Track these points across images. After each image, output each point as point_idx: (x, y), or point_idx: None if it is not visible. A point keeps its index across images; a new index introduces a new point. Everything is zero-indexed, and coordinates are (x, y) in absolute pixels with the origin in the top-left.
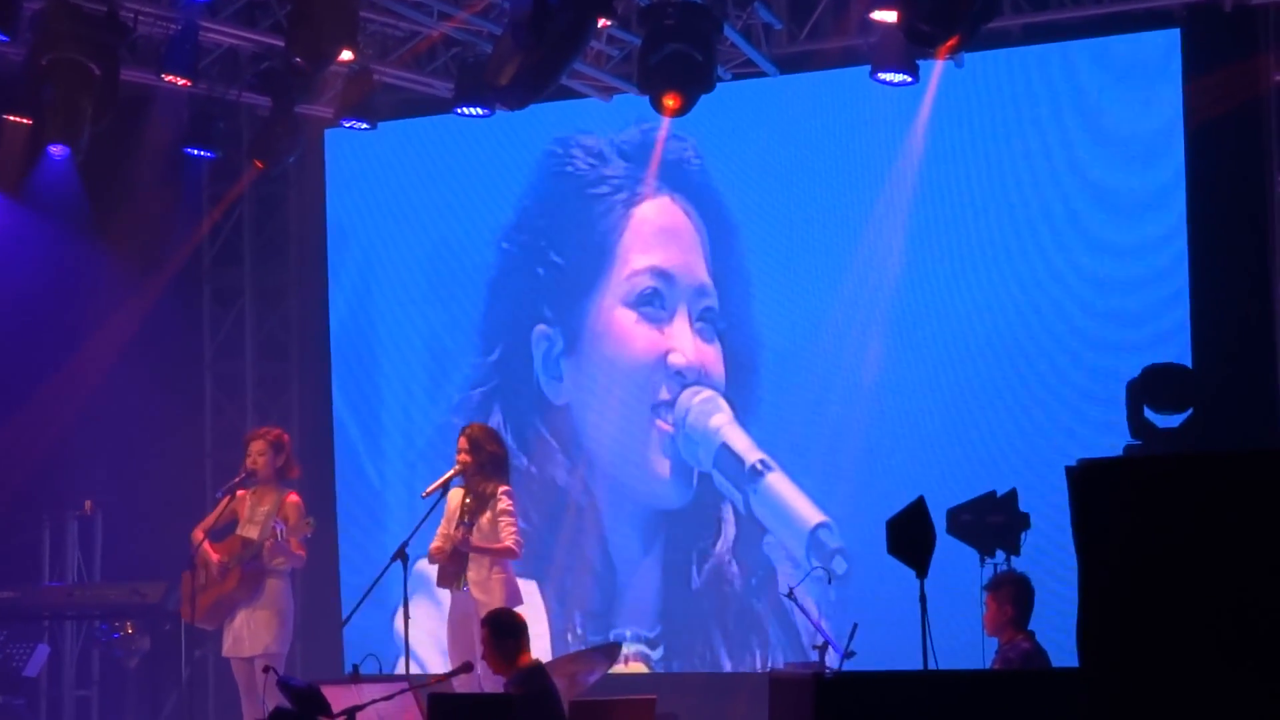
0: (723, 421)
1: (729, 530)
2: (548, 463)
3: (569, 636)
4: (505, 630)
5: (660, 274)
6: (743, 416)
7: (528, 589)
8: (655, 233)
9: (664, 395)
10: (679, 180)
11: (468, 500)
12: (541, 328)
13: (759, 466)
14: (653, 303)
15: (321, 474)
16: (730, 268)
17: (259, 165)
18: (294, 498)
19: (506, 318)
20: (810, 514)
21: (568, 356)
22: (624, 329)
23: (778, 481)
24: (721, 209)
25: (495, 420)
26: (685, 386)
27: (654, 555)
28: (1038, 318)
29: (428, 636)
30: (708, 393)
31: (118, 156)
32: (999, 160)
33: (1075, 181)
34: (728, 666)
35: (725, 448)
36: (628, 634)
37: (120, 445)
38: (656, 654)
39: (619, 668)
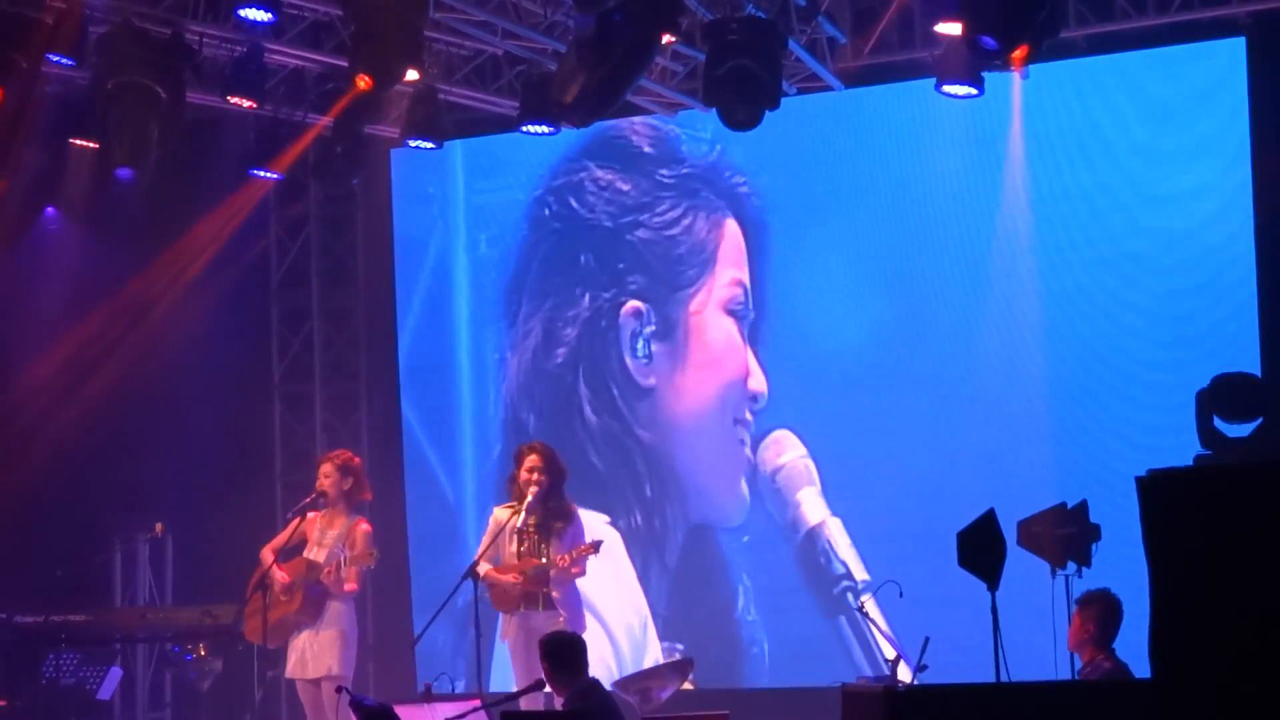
0: (810, 495)
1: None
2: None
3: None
4: (565, 651)
5: (746, 291)
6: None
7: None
8: (738, 250)
9: (745, 418)
10: (733, 201)
11: (537, 522)
12: (635, 304)
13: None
14: (743, 316)
15: (391, 493)
16: (777, 285)
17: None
18: (364, 525)
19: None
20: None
21: (660, 340)
22: (718, 334)
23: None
24: (770, 226)
25: (581, 390)
26: (757, 413)
27: (713, 567)
28: (1107, 328)
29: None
30: (795, 452)
31: (184, 179)
32: (1064, 171)
33: (1141, 192)
34: (795, 681)
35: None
36: (680, 647)
37: (191, 468)
38: (713, 666)
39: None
